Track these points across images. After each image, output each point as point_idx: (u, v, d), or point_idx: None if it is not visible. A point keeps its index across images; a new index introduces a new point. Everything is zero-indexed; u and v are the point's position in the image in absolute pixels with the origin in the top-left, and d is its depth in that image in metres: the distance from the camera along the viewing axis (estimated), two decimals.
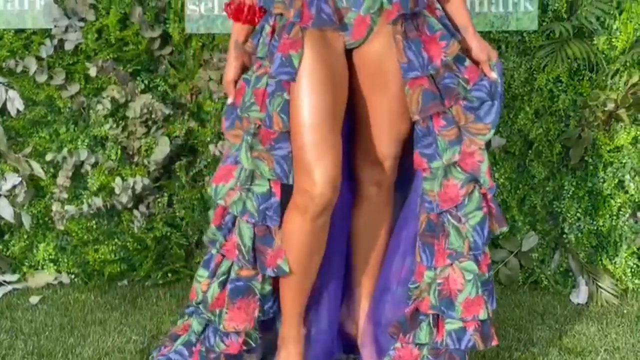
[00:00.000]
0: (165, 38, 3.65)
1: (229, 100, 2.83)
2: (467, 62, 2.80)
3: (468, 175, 2.79)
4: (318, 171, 2.67)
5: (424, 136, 2.78)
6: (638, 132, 3.64)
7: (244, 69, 2.83)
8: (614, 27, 3.61)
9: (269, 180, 2.76)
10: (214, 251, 2.84)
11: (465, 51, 2.81)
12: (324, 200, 2.68)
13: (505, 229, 2.89)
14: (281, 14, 2.70)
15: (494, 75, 2.80)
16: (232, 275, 2.81)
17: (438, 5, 2.80)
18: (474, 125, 2.78)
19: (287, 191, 2.77)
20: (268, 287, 2.83)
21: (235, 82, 2.83)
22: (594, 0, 3.57)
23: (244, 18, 2.80)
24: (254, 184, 2.77)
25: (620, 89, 3.62)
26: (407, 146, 2.86)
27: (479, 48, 2.82)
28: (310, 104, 2.67)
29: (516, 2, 3.60)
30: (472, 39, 2.83)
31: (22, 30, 3.63)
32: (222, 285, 2.82)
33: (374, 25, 2.72)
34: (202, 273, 2.85)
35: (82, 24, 3.61)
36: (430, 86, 2.74)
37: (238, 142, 2.79)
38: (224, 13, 3.53)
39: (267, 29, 2.74)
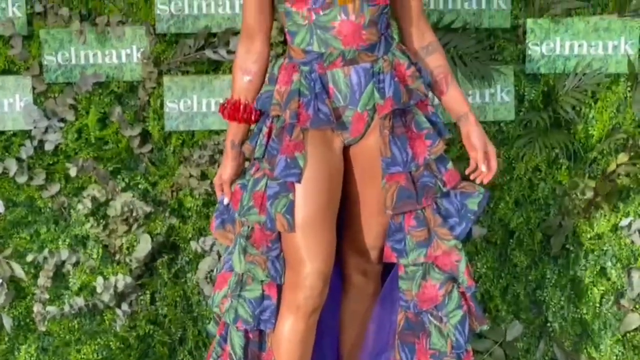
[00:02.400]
0: (145, 136, 3.66)
1: (225, 201, 2.85)
2: (449, 165, 2.83)
3: (447, 275, 2.80)
4: (310, 266, 2.69)
5: (396, 231, 2.81)
6: (618, 220, 3.65)
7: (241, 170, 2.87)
8: (590, 115, 3.65)
9: (261, 283, 2.75)
10: None
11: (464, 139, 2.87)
12: (315, 293, 2.69)
13: (485, 327, 2.89)
14: (278, 116, 2.73)
15: (483, 168, 2.83)
16: None
17: (431, 102, 2.84)
18: (441, 229, 2.80)
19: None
20: None
21: (231, 183, 2.85)
22: (569, 90, 3.60)
23: (240, 117, 2.82)
24: (244, 289, 2.76)
25: (598, 176, 3.64)
26: None
27: (479, 135, 2.85)
28: (308, 204, 2.69)
29: (493, 93, 3.63)
30: (473, 126, 2.86)
31: (2, 132, 3.64)
32: None
33: (370, 121, 2.76)
34: None
35: (61, 124, 3.62)
36: (407, 183, 2.76)
37: (227, 243, 2.82)
38: (203, 110, 3.59)
39: (264, 129, 2.76)
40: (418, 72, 2.79)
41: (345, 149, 2.81)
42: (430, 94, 2.87)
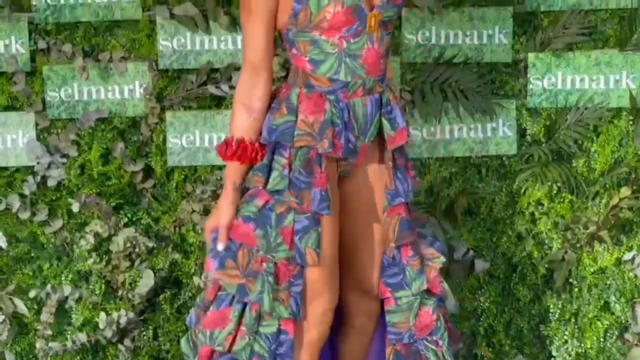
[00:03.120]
0: (148, 171, 3.67)
1: (220, 247, 2.73)
2: None
3: (436, 299, 2.82)
4: (329, 302, 2.71)
5: (390, 266, 2.81)
6: (621, 254, 3.65)
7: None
8: (592, 149, 3.65)
9: (278, 319, 2.71)
10: None
11: None
12: (327, 329, 2.73)
13: (460, 345, 2.92)
14: (301, 147, 2.67)
15: None
16: None
17: None
18: (427, 251, 2.83)
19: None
20: None
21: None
22: (571, 124, 3.61)
23: (248, 157, 2.70)
24: (261, 325, 2.72)
25: (601, 210, 3.64)
26: None
27: None
28: (331, 237, 2.69)
29: (495, 127, 3.64)
30: None
31: (5, 169, 3.64)
32: None
33: (370, 152, 2.76)
34: None
35: (64, 160, 3.63)
36: (407, 214, 2.77)
37: (233, 282, 2.71)
38: (206, 146, 3.60)
39: (282, 160, 2.68)
40: None
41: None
42: None
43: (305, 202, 2.64)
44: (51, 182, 3.63)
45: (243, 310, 2.73)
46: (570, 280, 3.68)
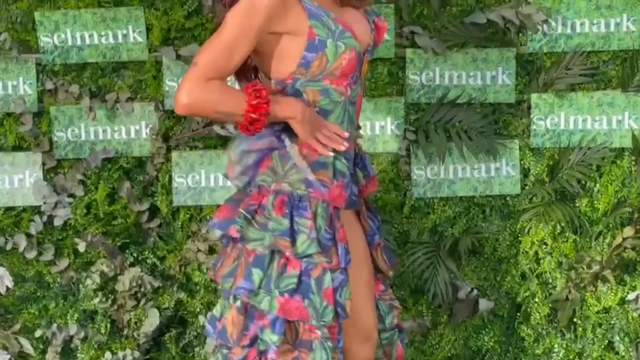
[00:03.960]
0: (154, 211, 3.69)
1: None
2: None
3: (400, 330, 2.94)
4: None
5: None
6: (625, 293, 3.66)
7: None
8: (595, 189, 3.66)
9: None
10: None
11: None
12: None
13: None
14: (317, 200, 2.60)
15: None
16: None
17: None
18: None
19: None
20: None
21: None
22: (574, 164, 3.63)
23: (265, 95, 2.52)
24: None
25: (604, 250, 3.65)
26: None
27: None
28: (351, 284, 2.70)
29: (498, 167, 3.66)
30: None
31: (12, 208, 3.67)
32: None
33: None
34: None
35: (71, 199, 3.66)
36: (385, 243, 2.87)
37: (288, 358, 2.63)
38: (211, 185, 3.62)
39: (307, 223, 2.58)
40: None
41: None
42: None
43: (334, 259, 2.59)
44: (57, 222, 3.65)
45: None
46: (575, 319, 3.69)
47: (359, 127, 2.79)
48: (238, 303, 2.62)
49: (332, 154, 2.60)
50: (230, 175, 2.66)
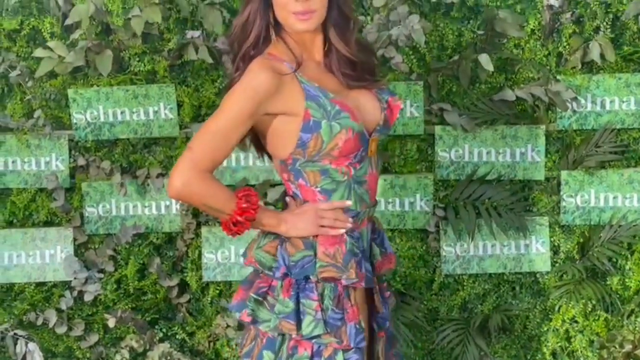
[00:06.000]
0: (183, 286, 3.71)
1: (348, 225, 2.64)
2: None
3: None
4: None
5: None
6: None
7: None
8: (627, 267, 3.64)
9: None
10: None
11: None
12: None
13: None
14: (326, 280, 2.60)
15: None
16: None
17: None
18: None
19: None
20: None
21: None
22: (605, 242, 3.61)
23: (255, 202, 2.58)
24: None
25: (637, 329, 3.62)
26: None
27: None
28: None
29: (528, 244, 3.65)
30: None
31: (43, 284, 3.70)
32: None
33: None
34: None
35: (101, 275, 3.68)
36: (389, 334, 2.82)
37: None
38: (241, 261, 3.62)
39: (313, 304, 2.58)
40: None
41: None
42: None
43: (343, 339, 2.60)
44: (88, 297, 3.67)
45: None
46: None
47: (375, 204, 2.77)
48: None
49: (342, 231, 2.62)
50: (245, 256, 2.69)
